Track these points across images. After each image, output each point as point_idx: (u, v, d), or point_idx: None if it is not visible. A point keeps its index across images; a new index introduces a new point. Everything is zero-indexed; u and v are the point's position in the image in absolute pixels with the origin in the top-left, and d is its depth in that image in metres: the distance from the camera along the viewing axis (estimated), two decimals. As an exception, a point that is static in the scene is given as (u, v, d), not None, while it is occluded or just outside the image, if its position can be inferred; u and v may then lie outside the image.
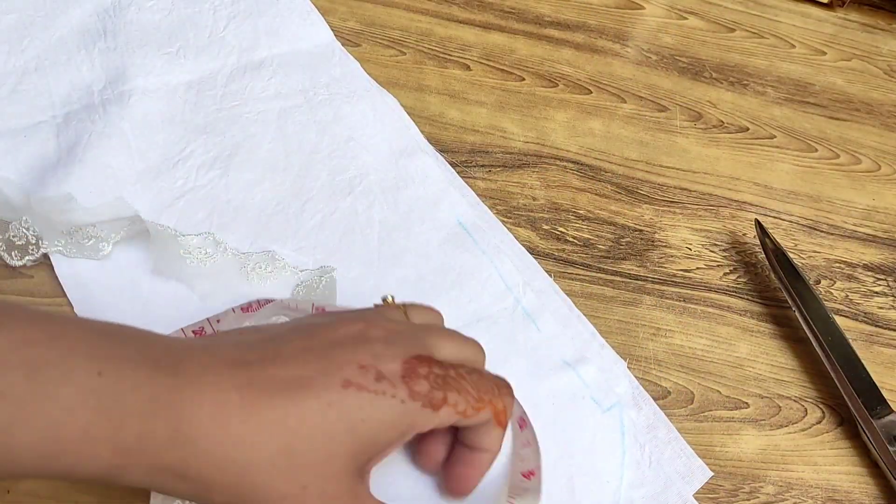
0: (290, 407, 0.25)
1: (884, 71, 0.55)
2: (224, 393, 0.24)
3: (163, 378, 0.24)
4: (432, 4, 0.50)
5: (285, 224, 0.39)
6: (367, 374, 0.26)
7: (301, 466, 0.25)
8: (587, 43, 0.51)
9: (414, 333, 0.29)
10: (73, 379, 0.22)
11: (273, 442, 0.24)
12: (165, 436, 0.23)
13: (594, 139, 0.47)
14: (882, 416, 0.37)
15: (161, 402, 0.23)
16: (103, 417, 0.22)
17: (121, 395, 0.23)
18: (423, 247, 0.39)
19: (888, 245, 0.47)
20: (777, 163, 0.49)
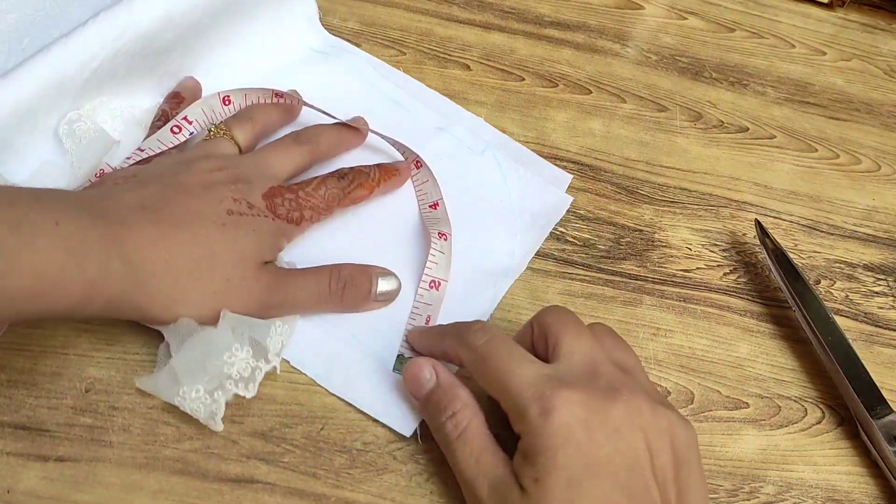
0: (194, 229, 0.32)
1: (884, 71, 0.55)
2: (144, 227, 0.31)
3: (101, 224, 0.29)
4: (432, 4, 0.50)
5: None
6: (240, 204, 0.34)
7: (220, 266, 0.32)
8: (587, 43, 0.52)
9: (258, 170, 0.36)
10: (42, 230, 0.27)
11: (192, 253, 0.31)
12: (119, 266, 0.29)
13: (594, 139, 0.47)
14: (882, 416, 0.37)
15: (107, 239, 0.29)
16: (71, 258, 0.27)
17: (78, 239, 0.28)
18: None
19: (888, 245, 0.47)
20: (777, 163, 0.49)
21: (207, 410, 0.31)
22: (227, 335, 0.32)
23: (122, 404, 0.33)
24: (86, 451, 0.32)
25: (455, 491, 0.34)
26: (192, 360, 0.32)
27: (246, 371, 0.32)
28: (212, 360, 0.32)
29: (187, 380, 0.31)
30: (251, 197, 0.35)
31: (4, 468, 0.31)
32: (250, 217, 0.34)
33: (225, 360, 0.32)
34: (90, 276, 0.28)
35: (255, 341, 0.33)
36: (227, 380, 0.32)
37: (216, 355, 0.32)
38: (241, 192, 0.34)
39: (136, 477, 0.32)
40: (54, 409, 0.33)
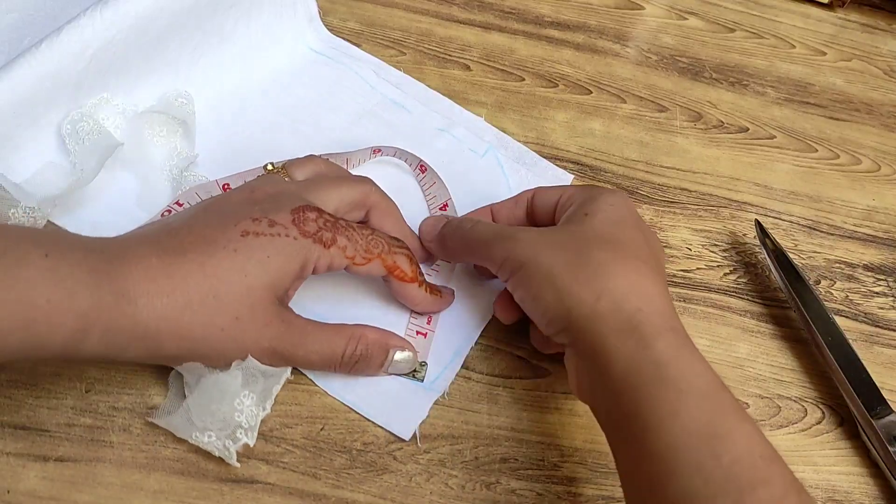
0: (202, 258, 0.29)
1: (884, 71, 0.55)
2: (146, 259, 0.29)
3: (95, 256, 0.28)
4: (432, 5, 0.50)
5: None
6: (260, 224, 0.31)
7: (228, 301, 0.29)
8: (587, 43, 0.52)
9: (297, 191, 0.33)
10: (30, 261, 0.26)
11: (198, 286, 0.29)
12: (111, 300, 0.27)
13: (594, 139, 0.47)
14: (882, 416, 0.37)
15: (100, 272, 0.27)
16: (59, 289, 0.26)
17: (67, 270, 0.27)
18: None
19: (888, 245, 0.47)
20: (777, 163, 0.49)
21: (221, 453, 0.31)
22: (236, 381, 0.31)
23: (122, 404, 0.33)
24: (86, 451, 0.32)
25: (455, 491, 0.34)
26: (204, 403, 0.31)
27: (252, 420, 0.32)
28: (223, 405, 0.31)
29: (200, 424, 0.31)
30: (276, 214, 0.31)
31: (4, 468, 0.31)
32: (267, 238, 0.30)
33: (235, 407, 0.31)
34: (82, 308, 0.26)
35: (262, 388, 0.32)
36: (237, 428, 0.31)
37: (227, 401, 0.31)
38: (264, 211, 0.31)
39: (136, 477, 0.32)
40: (54, 410, 0.33)
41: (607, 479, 0.36)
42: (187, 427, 0.32)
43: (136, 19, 0.37)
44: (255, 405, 0.32)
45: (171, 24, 0.39)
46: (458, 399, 0.36)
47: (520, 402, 0.37)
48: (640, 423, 0.29)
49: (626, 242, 0.33)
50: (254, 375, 0.32)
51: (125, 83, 0.40)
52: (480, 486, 0.34)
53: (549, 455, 0.36)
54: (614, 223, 0.34)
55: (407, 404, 0.35)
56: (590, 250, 0.32)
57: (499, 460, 0.35)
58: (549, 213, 0.37)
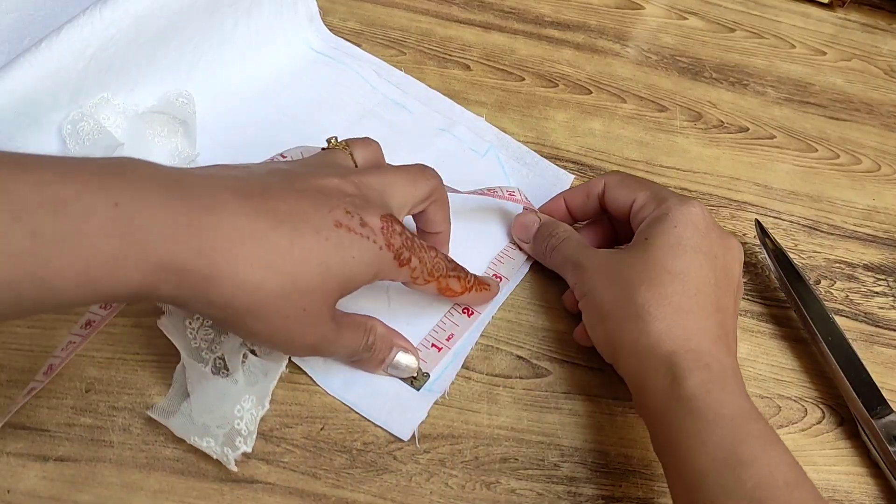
0: (293, 236, 0.27)
1: (884, 71, 0.55)
2: (236, 217, 0.26)
3: (176, 204, 0.25)
4: (432, 4, 0.50)
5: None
6: (353, 219, 0.29)
7: (303, 291, 0.28)
8: (587, 43, 0.51)
9: (381, 190, 0.32)
10: (95, 212, 0.23)
11: (281, 267, 0.27)
12: (189, 256, 0.25)
13: (594, 139, 0.47)
14: (882, 416, 0.37)
15: (180, 225, 0.25)
16: (128, 243, 0.24)
17: (141, 221, 0.24)
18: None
19: (888, 245, 0.47)
20: (777, 163, 0.49)
21: (221, 458, 0.32)
22: (238, 385, 0.32)
23: (122, 404, 0.33)
24: (86, 451, 0.32)
25: (455, 491, 0.34)
26: (205, 407, 0.32)
27: (252, 424, 0.32)
28: (223, 410, 0.32)
29: (200, 427, 0.32)
30: (367, 215, 0.30)
31: (4, 468, 0.31)
32: (357, 237, 0.29)
33: (235, 414, 0.32)
34: (151, 264, 0.24)
35: (260, 388, 0.33)
36: (237, 436, 0.32)
37: (228, 407, 0.32)
38: (356, 207, 0.30)
39: (137, 477, 0.32)
40: (54, 409, 0.33)
41: (607, 478, 0.36)
42: (187, 429, 0.32)
43: (135, 18, 0.37)
44: (254, 407, 0.32)
45: (171, 23, 0.39)
46: (458, 399, 0.36)
47: (520, 402, 0.37)
48: (674, 451, 0.31)
49: (681, 275, 0.33)
50: (254, 374, 0.33)
51: (126, 83, 0.40)
52: (480, 485, 0.34)
53: (549, 455, 0.36)
54: (672, 250, 0.34)
55: (406, 405, 0.35)
56: (636, 290, 0.33)
57: (499, 460, 0.35)
58: (624, 213, 0.38)
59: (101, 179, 0.24)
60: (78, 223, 0.23)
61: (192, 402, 0.32)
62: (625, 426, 0.37)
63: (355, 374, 0.36)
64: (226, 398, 0.32)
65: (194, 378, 0.32)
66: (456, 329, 0.38)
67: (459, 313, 0.38)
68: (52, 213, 0.23)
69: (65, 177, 0.24)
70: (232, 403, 0.32)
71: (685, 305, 0.33)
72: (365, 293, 0.35)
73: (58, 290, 0.23)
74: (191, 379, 0.32)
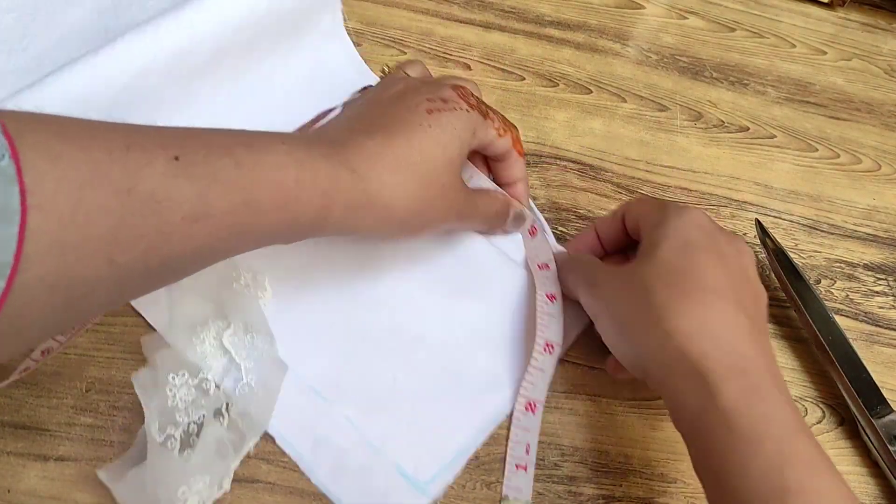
0: (407, 136, 0.33)
1: (884, 70, 0.55)
2: (361, 143, 0.32)
3: (322, 144, 0.31)
4: (433, 4, 0.50)
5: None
6: (435, 102, 0.34)
7: (438, 173, 0.33)
8: (587, 42, 0.51)
9: (439, 78, 0.39)
10: (273, 149, 0.28)
11: (412, 161, 0.32)
12: (347, 177, 0.30)
13: (594, 139, 0.47)
14: (882, 415, 0.37)
15: (331, 156, 0.30)
16: (304, 170, 0.29)
17: (305, 154, 0.29)
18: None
19: (888, 245, 0.47)
20: (777, 162, 0.49)
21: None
22: (190, 465, 0.31)
23: (122, 404, 0.33)
24: (86, 450, 0.32)
25: (455, 490, 0.34)
26: (157, 478, 0.30)
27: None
28: (167, 488, 0.30)
29: (151, 500, 0.30)
30: (442, 93, 0.35)
31: (5, 467, 0.31)
32: (448, 112, 0.34)
33: (178, 496, 0.30)
34: (324, 186, 0.29)
35: (222, 467, 0.32)
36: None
37: (171, 486, 0.30)
38: (431, 92, 0.35)
39: (137, 477, 0.32)
40: (55, 409, 0.33)
41: (607, 478, 0.36)
42: (134, 499, 0.30)
43: (171, 54, 0.37)
44: (208, 487, 0.31)
45: (208, 61, 0.39)
46: (458, 399, 0.36)
47: (520, 402, 0.37)
48: (714, 473, 0.29)
49: (694, 272, 0.32)
50: (224, 447, 0.31)
51: (158, 118, 0.39)
52: (481, 485, 0.34)
53: (549, 455, 0.36)
54: (681, 250, 0.33)
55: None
56: (653, 291, 0.32)
57: (499, 460, 0.35)
58: (638, 232, 0.37)
59: (264, 133, 0.29)
60: (266, 156, 0.28)
61: (147, 468, 0.31)
62: (625, 426, 0.37)
63: (345, 462, 0.33)
64: (168, 475, 0.30)
65: (150, 446, 0.31)
66: (529, 436, 0.36)
67: (524, 414, 0.36)
68: (246, 147, 0.27)
69: (241, 131, 0.29)
70: (175, 484, 0.30)
71: (707, 300, 0.31)
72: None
73: (265, 215, 0.28)
74: (149, 446, 0.31)
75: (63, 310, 0.24)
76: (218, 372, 0.34)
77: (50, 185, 0.22)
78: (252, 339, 0.34)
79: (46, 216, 0.22)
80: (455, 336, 0.38)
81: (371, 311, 0.38)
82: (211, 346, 0.34)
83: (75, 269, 0.23)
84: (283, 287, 0.37)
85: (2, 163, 0.21)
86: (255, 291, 0.36)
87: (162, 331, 0.34)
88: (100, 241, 0.23)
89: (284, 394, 0.34)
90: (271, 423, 0.33)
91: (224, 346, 0.34)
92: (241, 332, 0.34)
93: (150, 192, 0.24)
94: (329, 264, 0.38)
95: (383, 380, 0.36)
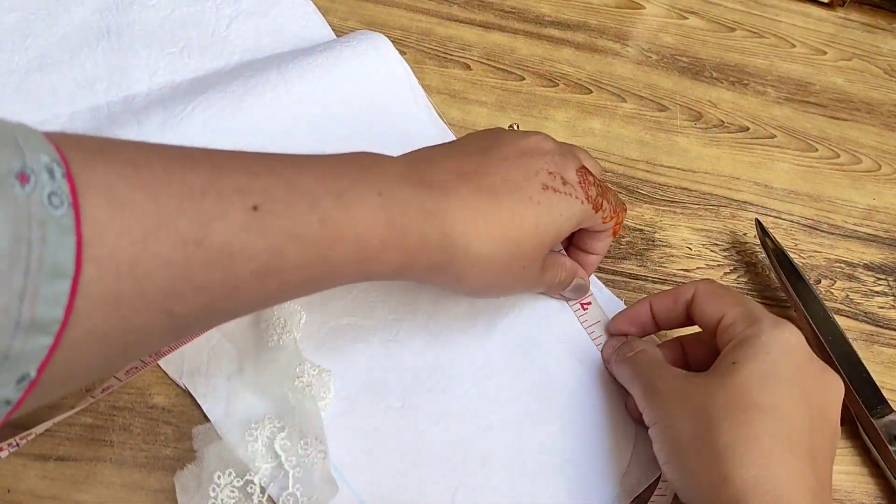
0: (512, 205, 0.31)
1: (884, 70, 0.55)
2: (465, 199, 0.30)
3: (422, 193, 0.29)
4: (433, 4, 0.50)
5: None
6: (555, 179, 0.33)
7: (525, 251, 0.32)
8: (587, 42, 0.51)
9: (569, 148, 0.36)
10: (366, 201, 0.27)
11: (506, 233, 0.31)
12: (437, 239, 0.29)
13: (594, 139, 0.47)
14: (882, 415, 0.37)
15: (427, 212, 0.29)
16: (392, 228, 0.28)
17: (399, 210, 0.28)
18: None
19: (888, 245, 0.47)
20: (777, 162, 0.49)
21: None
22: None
23: (122, 404, 0.33)
24: (86, 450, 0.32)
25: (455, 490, 0.34)
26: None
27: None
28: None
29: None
30: (566, 172, 0.34)
31: (5, 467, 0.31)
32: (562, 196, 0.33)
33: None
34: (410, 246, 0.28)
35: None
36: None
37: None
38: (556, 165, 0.34)
39: (137, 476, 0.32)
40: (55, 409, 0.33)
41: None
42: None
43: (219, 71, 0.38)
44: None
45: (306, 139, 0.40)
46: (458, 398, 0.36)
47: (520, 402, 0.37)
48: None
49: (770, 412, 0.29)
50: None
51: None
52: (480, 485, 0.34)
53: (549, 454, 0.36)
54: (763, 380, 0.30)
55: None
56: (720, 426, 0.29)
57: (499, 460, 0.35)
58: (710, 327, 0.34)
59: (363, 172, 0.28)
60: (356, 211, 0.27)
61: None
62: (625, 426, 0.37)
63: None
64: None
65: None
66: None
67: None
68: (335, 199, 0.26)
69: (336, 169, 0.27)
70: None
71: (776, 451, 0.28)
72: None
73: (340, 270, 0.27)
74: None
75: (115, 357, 0.22)
76: (265, 475, 0.32)
77: (110, 237, 0.20)
78: (305, 446, 0.32)
79: (103, 270, 0.20)
80: (523, 460, 0.35)
81: (436, 421, 0.35)
82: (263, 445, 0.32)
83: (130, 321, 0.21)
84: (347, 386, 0.35)
85: (59, 211, 0.19)
86: (318, 391, 0.34)
87: (216, 422, 0.33)
88: (158, 293, 0.22)
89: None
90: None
91: (275, 449, 0.32)
92: (294, 437, 0.32)
93: (221, 246, 0.23)
94: (398, 366, 0.36)
95: (441, 499, 0.34)
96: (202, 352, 0.34)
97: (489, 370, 0.37)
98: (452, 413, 0.35)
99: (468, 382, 0.36)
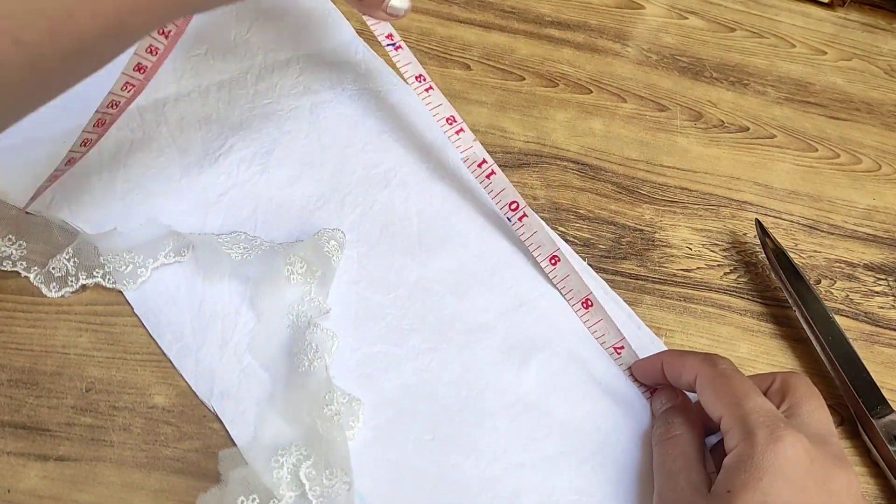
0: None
1: (884, 70, 0.55)
2: None
3: None
4: (433, 4, 0.50)
5: (327, 219, 0.40)
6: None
7: None
8: (587, 43, 0.51)
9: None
10: None
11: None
12: None
13: (594, 139, 0.47)
14: (882, 416, 0.37)
15: None
16: None
17: None
18: (461, 236, 0.41)
19: (888, 245, 0.47)
20: (777, 162, 0.49)
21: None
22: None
23: (122, 404, 0.33)
24: (86, 450, 0.32)
25: (455, 490, 0.34)
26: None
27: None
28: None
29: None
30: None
31: (5, 468, 0.31)
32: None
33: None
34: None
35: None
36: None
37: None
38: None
39: (137, 476, 0.32)
40: (55, 409, 0.33)
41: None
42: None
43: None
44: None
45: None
46: (458, 398, 0.36)
47: (520, 402, 0.37)
48: None
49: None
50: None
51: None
52: (481, 485, 0.34)
53: (549, 454, 0.36)
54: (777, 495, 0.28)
55: None
56: None
57: (499, 460, 0.35)
58: (714, 422, 0.32)
59: None
60: None
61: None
62: (625, 426, 0.37)
63: None
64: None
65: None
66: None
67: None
68: None
69: None
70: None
71: None
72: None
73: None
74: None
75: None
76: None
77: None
78: (331, 476, 0.31)
79: None
80: (554, 500, 0.34)
81: (466, 457, 0.34)
82: (288, 473, 0.31)
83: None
84: (377, 416, 0.34)
85: None
86: (347, 420, 0.33)
87: (242, 447, 0.32)
88: (2, 20, 0.22)
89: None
90: None
91: (300, 478, 0.31)
92: (320, 466, 0.32)
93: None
94: (429, 397, 0.35)
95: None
96: (233, 374, 0.34)
97: (522, 406, 0.36)
98: (483, 448, 0.34)
99: (500, 418, 0.35)
